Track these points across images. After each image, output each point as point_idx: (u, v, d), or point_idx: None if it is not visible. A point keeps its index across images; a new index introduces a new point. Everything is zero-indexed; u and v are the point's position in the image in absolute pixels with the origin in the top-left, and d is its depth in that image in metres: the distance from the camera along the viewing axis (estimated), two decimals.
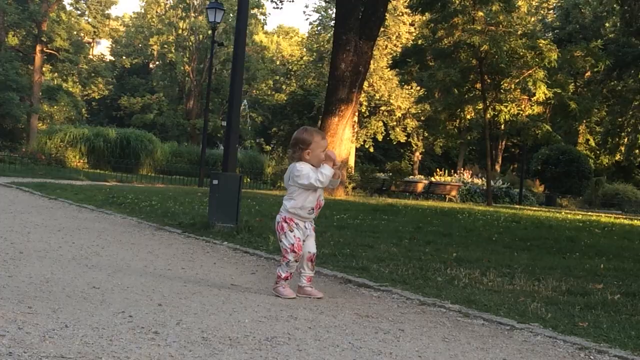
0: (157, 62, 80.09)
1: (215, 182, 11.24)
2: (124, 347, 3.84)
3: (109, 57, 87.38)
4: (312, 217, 6.28)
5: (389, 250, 9.45)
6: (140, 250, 8.40)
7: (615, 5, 59.10)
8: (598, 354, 4.58)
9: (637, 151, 58.66)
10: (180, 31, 73.94)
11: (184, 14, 74.35)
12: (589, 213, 30.53)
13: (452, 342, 4.67)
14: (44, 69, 62.44)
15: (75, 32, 68.61)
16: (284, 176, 6.48)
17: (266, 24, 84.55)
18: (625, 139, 58.70)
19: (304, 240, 6.12)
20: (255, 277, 7.06)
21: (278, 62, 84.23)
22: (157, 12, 78.41)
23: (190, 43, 73.69)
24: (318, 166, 6.06)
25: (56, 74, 68.70)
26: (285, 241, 6.06)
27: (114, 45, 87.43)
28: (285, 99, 76.54)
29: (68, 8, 69.97)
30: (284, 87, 78.93)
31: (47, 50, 59.90)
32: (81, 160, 37.83)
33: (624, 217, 29.62)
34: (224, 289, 6.10)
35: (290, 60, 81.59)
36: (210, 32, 44.29)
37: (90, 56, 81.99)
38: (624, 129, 58.63)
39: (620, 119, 58.79)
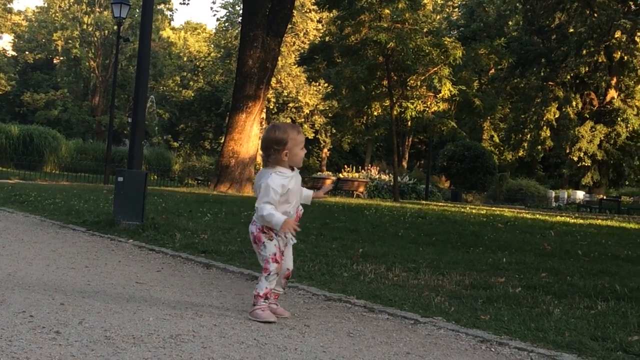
0: (62, 58, 78.70)
1: (120, 179, 11.10)
2: (24, 348, 3.76)
3: (11, 52, 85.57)
4: None
5: (295, 246, 9.45)
6: (42, 248, 8.23)
7: (517, 4, 60.43)
8: (499, 346, 4.66)
9: (539, 147, 60.09)
10: (85, 26, 72.82)
11: (88, 9, 73.29)
12: (493, 208, 31.10)
13: (357, 337, 4.70)
14: None
15: None
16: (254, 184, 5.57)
17: (173, 20, 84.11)
18: (528, 136, 60.15)
19: (285, 245, 5.31)
20: (160, 275, 6.99)
21: (185, 59, 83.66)
22: (60, 6, 77.05)
23: (96, 38, 72.66)
24: (299, 166, 5.27)
25: None
26: (265, 252, 5.18)
27: (16, 40, 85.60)
28: (192, 95, 76.14)
29: None
30: (191, 83, 78.48)
31: None
32: None
33: (526, 211, 30.24)
34: (128, 287, 6.02)
35: (197, 57, 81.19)
36: (115, 27, 43.72)
37: None
38: (527, 125, 60.08)
39: (523, 116, 60.22)
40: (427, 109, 35.54)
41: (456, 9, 77.07)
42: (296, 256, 8.30)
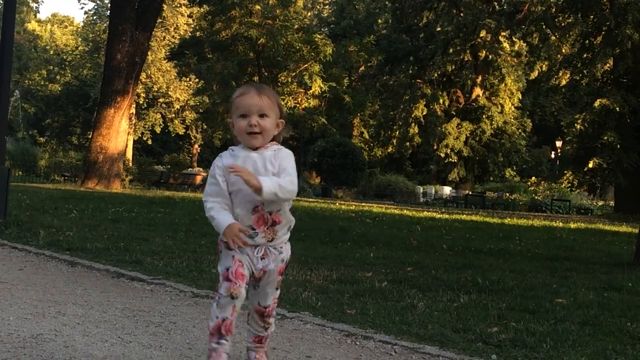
0: None
1: None
2: None
3: None
4: (259, 240, 3.63)
5: (164, 243, 9.38)
6: None
7: (387, 3, 61.36)
8: (364, 339, 4.73)
9: (407, 144, 61.14)
10: None
11: None
12: (363, 204, 31.47)
13: None
14: None
15: None
16: None
17: (39, 12, 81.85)
18: (397, 132, 61.15)
19: (262, 272, 3.67)
20: (23, 273, 6.81)
21: (52, 52, 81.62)
22: None
23: None
24: (247, 144, 3.58)
25: None
26: (219, 266, 3.70)
27: None
28: (59, 89, 74.33)
29: None
30: (58, 77, 76.59)
31: None
32: None
33: (395, 207, 30.76)
34: None
35: (65, 50, 79.28)
36: None
37: None
38: (396, 122, 61.08)
39: (392, 113, 61.19)
40: (298, 105, 35.77)
41: (327, 6, 77.71)
42: (164, 253, 8.25)
